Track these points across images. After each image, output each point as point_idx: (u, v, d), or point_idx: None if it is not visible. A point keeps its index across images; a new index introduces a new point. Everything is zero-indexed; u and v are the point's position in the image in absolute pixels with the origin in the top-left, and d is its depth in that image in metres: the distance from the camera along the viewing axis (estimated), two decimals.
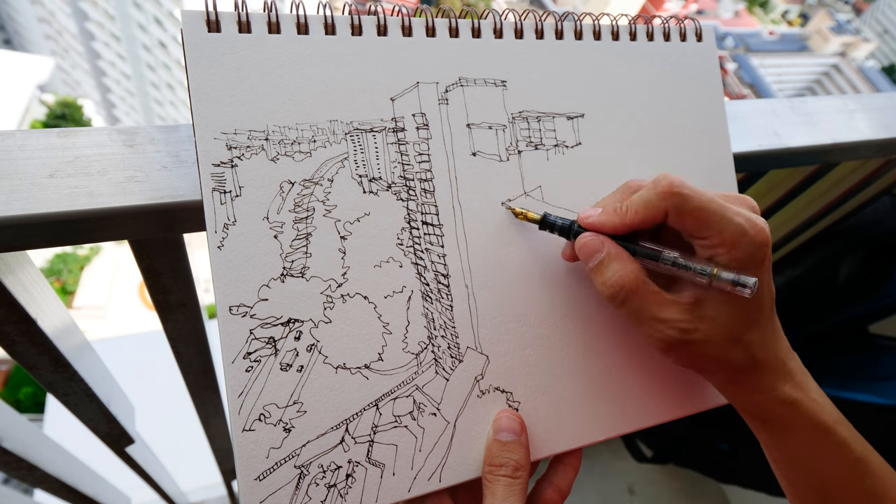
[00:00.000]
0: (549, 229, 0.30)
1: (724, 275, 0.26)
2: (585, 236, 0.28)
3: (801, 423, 0.28)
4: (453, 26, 0.31)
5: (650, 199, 0.27)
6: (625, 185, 0.30)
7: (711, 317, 0.27)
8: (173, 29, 18.30)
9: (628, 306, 0.27)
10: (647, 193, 0.27)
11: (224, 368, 0.26)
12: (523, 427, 0.30)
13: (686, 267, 0.27)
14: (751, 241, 0.26)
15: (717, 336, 0.27)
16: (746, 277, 0.26)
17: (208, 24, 0.26)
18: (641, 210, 0.27)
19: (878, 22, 36.46)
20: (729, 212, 0.26)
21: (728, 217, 0.26)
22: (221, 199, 0.26)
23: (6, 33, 24.31)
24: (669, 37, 0.36)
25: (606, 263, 0.28)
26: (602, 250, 0.28)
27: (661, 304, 0.27)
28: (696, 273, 0.27)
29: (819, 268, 0.70)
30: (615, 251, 0.28)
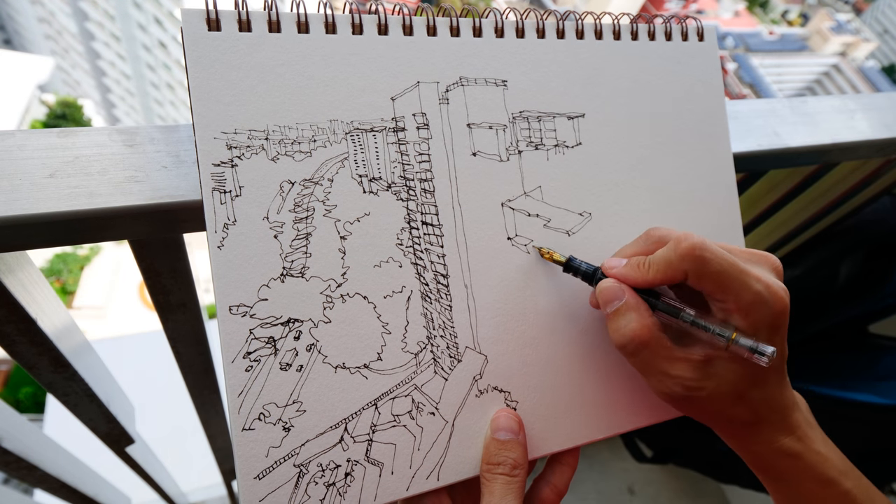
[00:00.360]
0: (572, 273, 0.31)
1: (742, 341, 0.26)
2: (606, 282, 0.29)
3: (803, 475, 0.28)
4: (454, 25, 0.30)
5: (671, 260, 0.27)
6: (646, 234, 0.30)
7: (719, 375, 0.27)
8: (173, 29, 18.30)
9: (638, 358, 0.28)
10: (669, 254, 0.27)
11: (224, 368, 0.26)
12: (521, 426, 0.30)
13: (704, 328, 0.27)
14: (768, 310, 0.26)
15: (721, 394, 0.27)
16: (765, 346, 0.26)
17: (208, 23, 0.26)
18: (663, 269, 0.27)
19: (878, 22, 36.46)
20: (748, 278, 0.26)
21: (747, 284, 0.26)
22: (221, 199, 0.26)
23: (6, 33, 24.31)
24: (671, 36, 0.36)
25: (623, 312, 0.28)
26: (621, 298, 0.28)
27: (671, 361, 0.27)
28: (713, 335, 0.27)
29: (819, 268, 0.70)
30: (634, 302, 0.28)
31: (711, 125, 0.37)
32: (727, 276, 0.26)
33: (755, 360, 0.26)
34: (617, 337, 0.28)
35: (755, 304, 0.26)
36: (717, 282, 0.26)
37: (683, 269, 0.27)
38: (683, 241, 0.27)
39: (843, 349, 0.75)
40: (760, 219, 0.65)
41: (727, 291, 0.26)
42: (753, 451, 0.29)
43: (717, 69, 0.37)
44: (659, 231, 0.30)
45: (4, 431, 0.44)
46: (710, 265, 0.26)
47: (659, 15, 0.36)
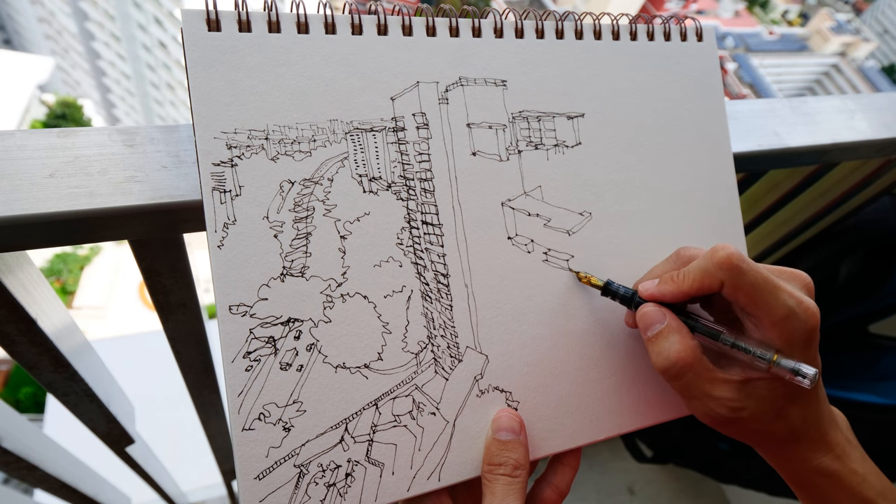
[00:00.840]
0: (611, 296, 0.31)
1: (784, 362, 0.26)
2: (647, 306, 0.29)
3: (839, 494, 0.28)
4: (454, 25, 0.30)
5: (708, 268, 0.27)
6: (676, 253, 0.31)
7: (760, 395, 0.27)
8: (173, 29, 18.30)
9: (681, 380, 0.28)
10: (706, 262, 0.27)
11: (224, 368, 0.26)
12: (522, 426, 0.30)
13: (745, 350, 0.27)
14: (801, 325, 0.26)
15: (762, 413, 0.28)
16: (807, 368, 0.26)
17: (208, 24, 0.26)
18: (699, 278, 0.28)
19: (878, 22, 36.46)
20: (782, 293, 0.26)
21: (780, 298, 0.26)
22: (221, 199, 0.26)
23: (6, 33, 24.31)
24: (670, 36, 0.36)
25: (666, 335, 0.28)
26: (662, 321, 0.28)
27: (714, 383, 0.27)
28: (755, 357, 0.27)
29: (819, 268, 0.70)
30: (675, 325, 0.28)
31: (711, 125, 0.37)
32: (761, 290, 0.26)
33: (797, 382, 0.26)
34: (660, 360, 0.28)
35: (787, 319, 0.26)
36: (751, 294, 0.26)
37: (720, 278, 0.27)
38: (721, 251, 0.27)
39: (843, 349, 0.75)
40: (760, 219, 0.65)
41: (760, 305, 0.26)
42: (791, 469, 0.29)
43: (717, 69, 0.37)
44: (689, 250, 0.30)
45: (4, 431, 0.44)
46: (745, 276, 0.26)
47: (658, 15, 0.36)
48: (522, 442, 0.29)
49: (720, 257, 0.27)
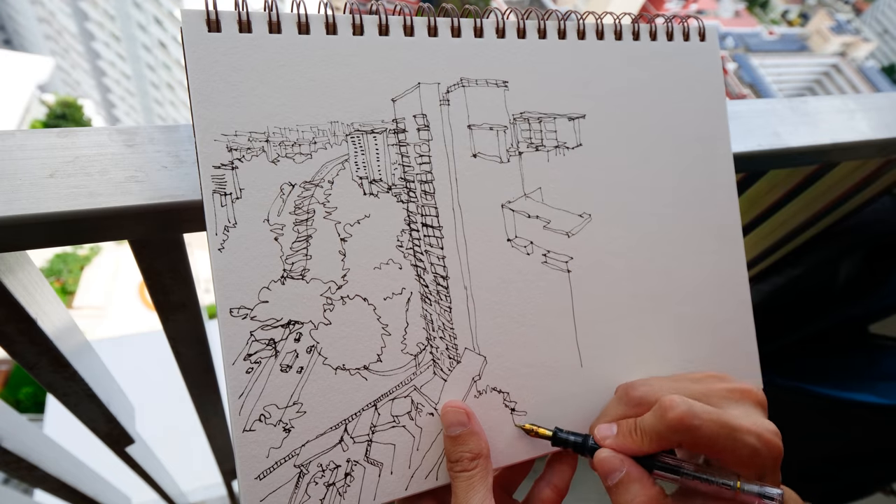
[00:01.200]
0: (561, 446, 0.30)
1: (748, 487, 0.26)
2: (604, 453, 0.29)
3: None
4: (455, 26, 0.30)
5: (662, 433, 0.27)
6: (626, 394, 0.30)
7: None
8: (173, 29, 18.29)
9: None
10: (658, 425, 0.27)
11: (224, 370, 0.26)
12: (470, 415, 0.29)
13: (709, 481, 0.27)
14: (765, 459, 0.26)
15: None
16: (771, 489, 0.26)
17: (208, 24, 0.26)
18: (656, 439, 0.27)
19: (878, 22, 36.45)
20: (741, 434, 0.26)
21: (741, 440, 0.26)
22: (222, 202, 0.26)
23: (6, 33, 24.31)
24: (672, 36, 0.36)
25: (626, 484, 0.27)
26: (621, 469, 0.28)
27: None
28: (719, 486, 0.27)
29: (819, 268, 0.70)
30: (636, 473, 0.28)
31: (712, 125, 0.37)
32: (719, 438, 0.26)
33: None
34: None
35: (752, 457, 0.26)
36: (711, 446, 0.26)
37: (677, 441, 0.27)
38: (669, 412, 0.26)
39: (843, 349, 0.75)
40: (760, 219, 0.65)
41: (722, 453, 0.26)
42: None
43: (719, 69, 0.37)
44: (637, 391, 0.30)
45: (4, 431, 0.44)
46: (700, 432, 0.26)
47: (660, 15, 0.36)
48: (474, 430, 0.29)
49: (671, 420, 0.26)
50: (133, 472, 0.68)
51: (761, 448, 0.26)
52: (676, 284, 0.35)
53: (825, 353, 0.75)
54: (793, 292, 0.71)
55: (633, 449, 0.28)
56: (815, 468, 0.72)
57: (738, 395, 0.29)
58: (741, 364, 0.37)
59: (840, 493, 0.74)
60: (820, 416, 0.67)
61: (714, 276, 0.36)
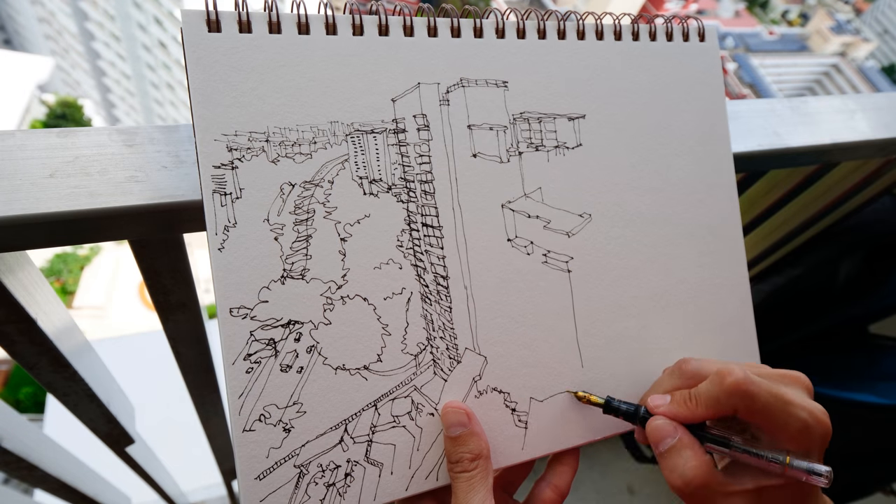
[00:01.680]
0: (613, 413, 0.31)
1: (797, 463, 0.26)
2: (657, 420, 0.29)
3: None
4: (455, 26, 0.30)
5: (719, 398, 0.27)
6: (679, 368, 0.30)
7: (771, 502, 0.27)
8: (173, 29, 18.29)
9: (696, 497, 0.27)
10: (715, 390, 0.27)
11: (224, 370, 0.26)
12: (470, 416, 0.29)
13: (757, 455, 0.27)
14: (816, 435, 0.27)
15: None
16: (820, 466, 0.26)
17: (208, 24, 0.26)
18: (712, 405, 0.28)
19: (878, 22, 36.44)
20: (794, 407, 0.26)
21: (794, 413, 0.26)
22: (222, 201, 0.26)
23: (6, 33, 24.31)
24: (672, 37, 0.36)
25: (679, 450, 0.28)
26: (674, 436, 0.28)
27: (728, 497, 0.27)
28: (768, 461, 0.27)
29: (819, 268, 0.70)
30: (688, 440, 0.28)
31: (712, 126, 0.37)
32: (774, 409, 0.26)
33: (813, 482, 0.26)
34: (674, 478, 0.27)
35: (803, 432, 0.26)
36: (765, 415, 0.26)
37: (732, 405, 0.27)
38: (727, 377, 0.27)
39: (843, 349, 0.75)
40: (760, 219, 0.65)
41: (775, 423, 0.27)
42: None
43: (718, 70, 0.37)
44: (691, 364, 0.30)
45: (4, 431, 0.44)
46: (757, 400, 0.26)
47: (660, 15, 0.36)
48: (474, 431, 0.29)
49: (729, 385, 0.27)
50: (133, 472, 0.68)
51: (813, 424, 0.26)
52: (677, 284, 0.35)
53: (825, 353, 0.75)
54: (793, 292, 0.71)
55: (688, 415, 0.28)
56: None
57: (789, 378, 0.29)
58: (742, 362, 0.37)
59: (840, 493, 0.74)
60: None
61: (714, 276, 0.36)
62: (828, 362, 0.74)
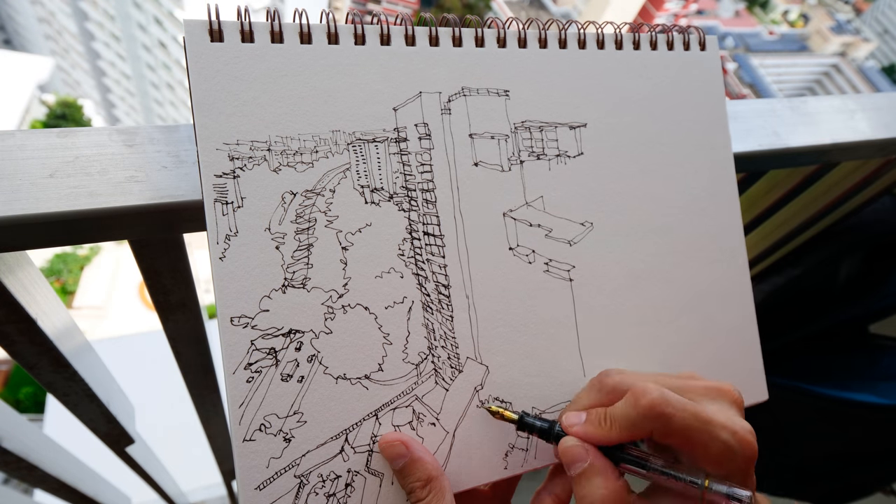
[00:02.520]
0: (527, 431, 0.29)
1: (716, 487, 0.25)
2: (568, 441, 0.27)
3: None
4: (457, 35, 0.30)
5: (633, 420, 0.26)
6: (600, 381, 0.29)
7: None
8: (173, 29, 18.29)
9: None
10: (629, 412, 0.26)
11: (225, 379, 0.26)
12: (407, 443, 0.28)
13: (676, 477, 0.26)
14: (739, 458, 0.25)
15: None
16: (740, 491, 0.25)
17: (211, 34, 0.26)
18: (627, 427, 0.26)
19: (878, 22, 36.43)
20: (714, 427, 0.25)
21: (715, 434, 0.25)
22: (223, 210, 0.26)
23: (6, 33, 24.30)
24: (673, 46, 0.36)
25: (589, 476, 0.26)
26: (585, 459, 0.27)
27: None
28: (686, 484, 0.26)
29: (819, 268, 0.70)
30: (600, 464, 0.26)
31: (713, 134, 0.37)
32: (693, 430, 0.25)
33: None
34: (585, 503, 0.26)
35: (725, 455, 0.25)
36: (683, 437, 0.25)
37: (648, 428, 0.26)
38: (642, 398, 0.25)
39: (843, 349, 0.75)
40: (760, 219, 0.65)
41: (694, 446, 0.25)
42: None
43: (719, 79, 0.37)
44: (611, 378, 0.29)
45: (4, 431, 0.44)
46: (673, 421, 0.25)
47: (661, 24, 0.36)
48: (415, 458, 0.28)
49: (643, 407, 0.25)
50: (133, 472, 0.68)
51: (735, 445, 0.25)
52: (679, 293, 0.35)
53: (825, 353, 0.75)
54: (793, 292, 0.71)
55: (601, 437, 0.27)
56: (815, 468, 0.72)
57: (716, 392, 0.28)
58: (745, 373, 0.37)
59: (840, 493, 0.74)
60: (820, 416, 0.67)
61: (716, 285, 0.36)
62: (828, 362, 0.74)
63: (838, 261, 0.69)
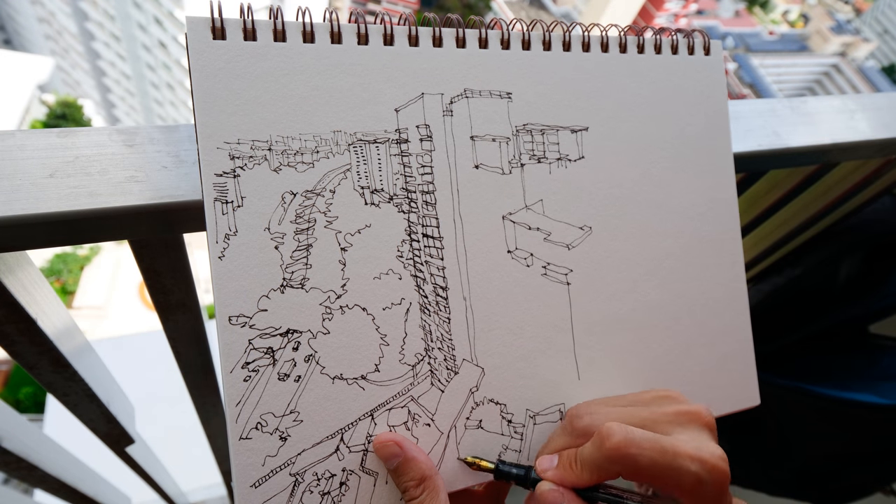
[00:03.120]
0: (505, 479, 0.29)
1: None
2: (544, 486, 0.28)
3: None
4: (460, 36, 0.30)
5: (599, 463, 0.26)
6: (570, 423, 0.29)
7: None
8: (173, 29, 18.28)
9: None
10: (596, 454, 0.26)
11: (222, 378, 0.26)
12: (401, 443, 0.28)
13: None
14: (709, 487, 0.25)
15: None
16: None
17: (213, 32, 0.26)
18: (595, 472, 0.26)
19: (878, 22, 36.42)
20: (683, 461, 0.25)
21: (682, 468, 0.25)
22: (223, 210, 0.26)
23: (6, 33, 24.30)
24: (677, 50, 0.35)
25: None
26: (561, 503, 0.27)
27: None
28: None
29: (819, 268, 0.70)
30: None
31: (715, 140, 0.36)
32: (660, 467, 0.25)
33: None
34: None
35: (695, 486, 0.25)
36: (652, 474, 0.25)
37: (615, 471, 0.26)
38: (606, 441, 0.26)
39: (843, 349, 0.75)
40: (760, 219, 0.65)
41: (664, 481, 0.25)
42: None
43: (723, 84, 0.37)
44: (581, 421, 0.29)
45: (4, 431, 0.44)
46: (639, 461, 0.25)
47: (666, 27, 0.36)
48: (409, 457, 0.28)
49: (608, 449, 0.25)
50: (133, 472, 0.68)
51: (704, 475, 0.25)
52: (675, 299, 0.35)
53: (825, 353, 0.75)
54: (793, 292, 0.71)
55: (574, 481, 0.27)
56: (815, 468, 0.72)
57: (686, 418, 0.28)
58: (738, 378, 0.37)
59: (840, 492, 0.74)
60: (820, 416, 0.67)
61: (713, 290, 0.36)
62: (828, 362, 0.74)
63: (838, 261, 0.69)
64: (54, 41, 22.28)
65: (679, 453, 0.25)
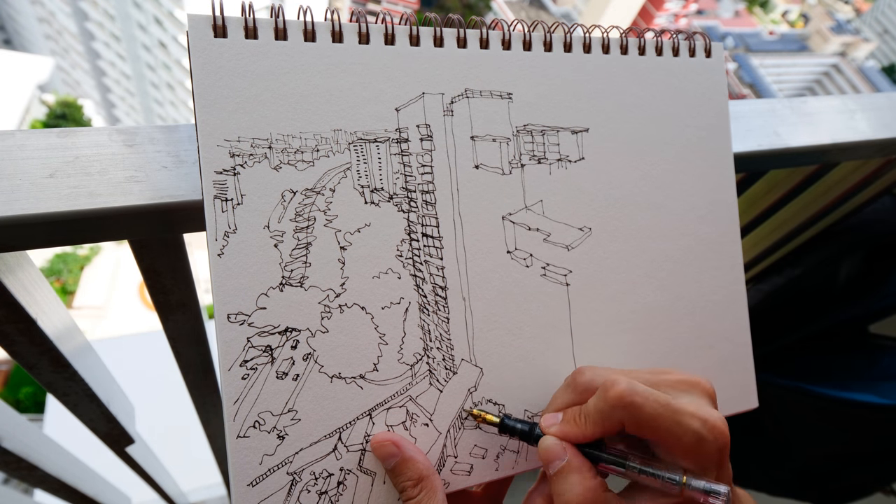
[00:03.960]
0: (509, 434, 0.29)
1: (694, 483, 0.25)
2: (547, 440, 0.28)
3: None
4: (461, 37, 0.30)
5: (604, 411, 0.26)
6: (574, 380, 0.29)
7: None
8: (173, 29, 18.28)
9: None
10: (601, 405, 0.26)
11: (220, 376, 0.26)
12: (398, 443, 0.28)
13: (653, 475, 0.26)
14: (711, 447, 0.25)
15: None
16: (718, 486, 0.25)
17: (215, 30, 0.26)
18: (599, 421, 0.26)
19: (878, 22, 36.41)
20: (684, 417, 0.25)
21: (685, 424, 0.25)
22: (223, 207, 0.26)
23: (6, 33, 24.30)
24: (678, 52, 0.35)
25: (566, 473, 0.26)
26: (562, 457, 0.27)
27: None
28: (664, 482, 0.26)
29: (819, 268, 0.70)
30: (576, 462, 0.26)
31: (715, 142, 0.36)
32: (662, 420, 0.25)
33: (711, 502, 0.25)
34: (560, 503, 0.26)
35: (696, 443, 0.25)
36: (653, 427, 0.25)
37: (618, 419, 0.26)
38: (610, 389, 0.26)
39: (843, 349, 0.75)
40: (760, 219, 0.65)
41: (665, 436, 0.25)
42: None
43: (724, 87, 0.37)
44: (584, 376, 0.29)
45: (4, 431, 0.44)
46: (642, 410, 0.25)
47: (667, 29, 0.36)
48: (407, 457, 0.28)
49: (612, 398, 0.26)
50: (133, 472, 0.68)
51: (706, 433, 0.25)
52: (675, 300, 0.35)
53: (825, 353, 0.75)
54: (793, 292, 0.71)
55: (578, 435, 0.27)
56: (815, 468, 0.72)
57: (687, 385, 0.28)
58: (737, 381, 0.37)
59: (840, 492, 0.74)
60: (820, 416, 0.67)
61: (712, 292, 0.36)
62: (828, 362, 0.74)
63: (838, 261, 0.69)
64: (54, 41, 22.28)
65: (681, 410, 0.25)
